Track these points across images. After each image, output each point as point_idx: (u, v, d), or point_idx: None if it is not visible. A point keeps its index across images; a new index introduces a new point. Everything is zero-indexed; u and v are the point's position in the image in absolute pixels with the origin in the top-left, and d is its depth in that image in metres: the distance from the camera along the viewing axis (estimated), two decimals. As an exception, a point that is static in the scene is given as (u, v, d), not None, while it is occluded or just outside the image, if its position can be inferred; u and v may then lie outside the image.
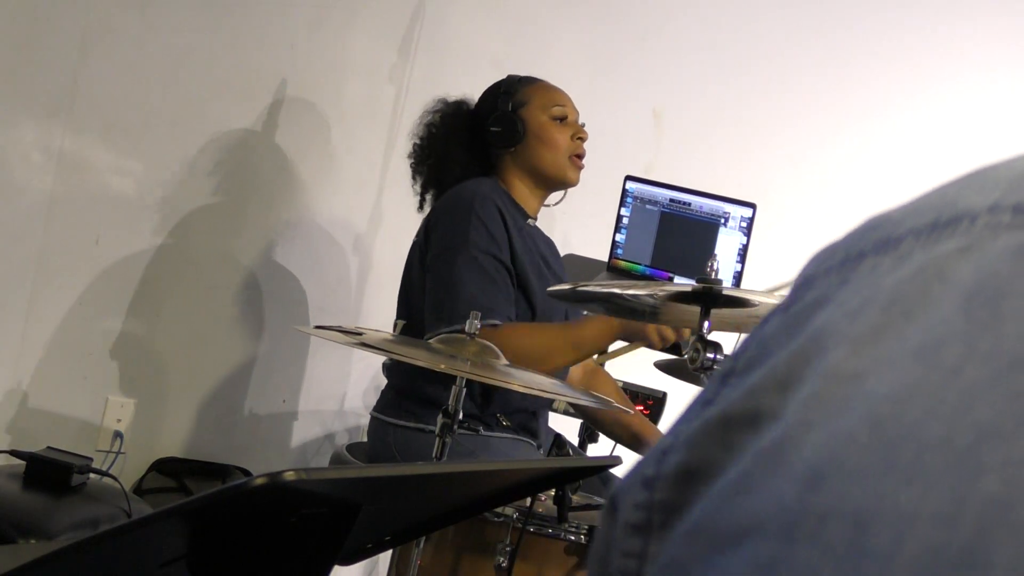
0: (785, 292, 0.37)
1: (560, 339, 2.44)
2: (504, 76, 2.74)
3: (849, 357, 0.31)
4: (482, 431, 2.11)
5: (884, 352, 0.31)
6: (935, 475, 0.28)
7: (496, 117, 2.64)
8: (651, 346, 2.49)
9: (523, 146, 2.65)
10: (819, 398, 0.31)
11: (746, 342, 0.35)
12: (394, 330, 2.61)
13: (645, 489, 0.35)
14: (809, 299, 0.35)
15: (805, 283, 0.36)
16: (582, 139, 2.66)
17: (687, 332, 2.48)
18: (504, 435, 2.54)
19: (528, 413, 2.59)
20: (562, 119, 2.65)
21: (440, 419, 1.99)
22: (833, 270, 0.35)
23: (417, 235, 2.67)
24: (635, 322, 2.48)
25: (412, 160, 2.73)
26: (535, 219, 2.71)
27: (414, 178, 2.73)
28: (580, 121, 2.70)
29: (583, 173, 2.69)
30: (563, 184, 2.70)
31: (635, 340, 2.53)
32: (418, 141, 2.73)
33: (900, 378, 0.30)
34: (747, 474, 0.31)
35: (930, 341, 0.30)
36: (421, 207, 2.72)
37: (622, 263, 3.07)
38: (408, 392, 2.56)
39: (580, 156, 2.66)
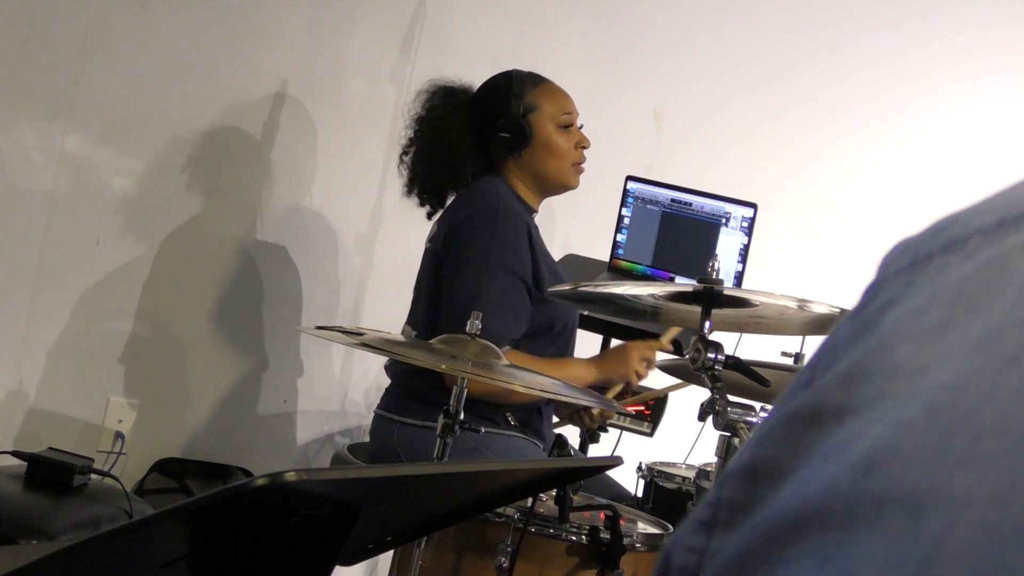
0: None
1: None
2: (501, 71, 2.72)
3: (914, 353, 0.32)
4: (483, 430, 2.12)
5: (946, 346, 0.32)
6: (990, 459, 0.29)
7: (505, 122, 2.62)
8: (628, 386, 2.62)
9: (529, 151, 2.64)
10: (883, 394, 0.32)
11: (820, 349, 0.36)
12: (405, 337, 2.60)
13: (716, 488, 0.36)
14: (878, 302, 0.35)
15: (876, 286, 0.36)
16: (586, 147, 2.67)
17: (666, 343, 2.58)
18: (510, 433, 2.54)
19: (535, 411, 2.60)
20: (569, 126, 2.66)
21: (441, 419, 1.99)
22: (902, 272, 0.36)
23: (432, 241, 2.64)
24: (612, 363, 2.60)
25: (407, 153, 2.69)
26: (536, 213, 2.71)
27: (400, 165, 2.70)
28: (579, 124, 2.69)
29: (585, 173, 2.70)
30: (564, 190, 2.71)
31: (617, 382, 2.62)
32: (412, 135, 2.69)
33: (959, 368, 0.31)
34: (810, 469, 0.32)
35: (989, 331, 0.31)
36: (410, 194, 2.69)
37: (623, 263, 3.07)
38: (413, 390, 2.56)
39: (581, 163, 2.68)
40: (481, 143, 2.64)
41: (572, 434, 2.61)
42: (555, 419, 2.75)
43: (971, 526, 0.28)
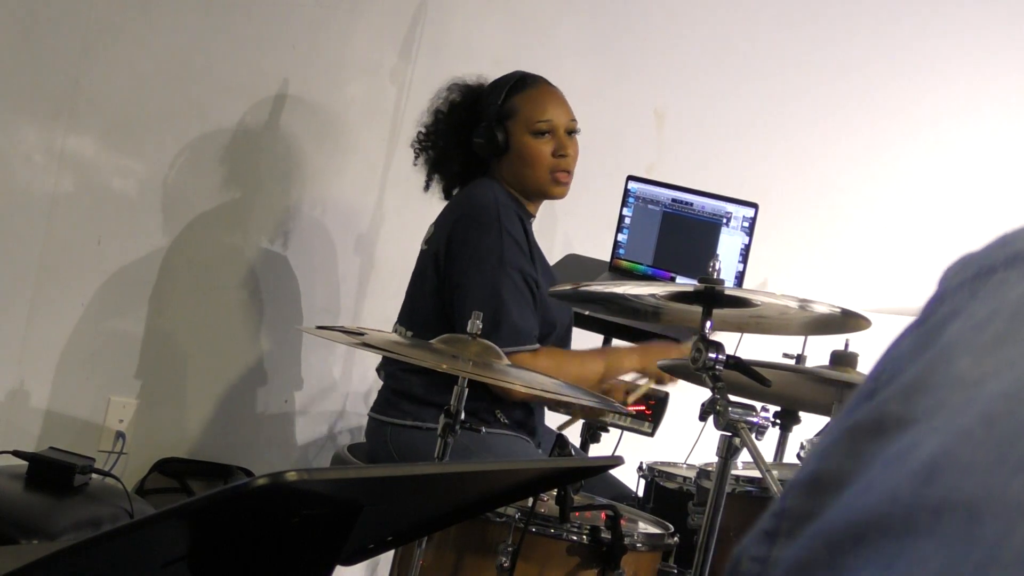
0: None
1: (595, 368, 2.57)
2: (510, 72, 2.72)
3: (974, 365, 0.33)
4: (483, 430, 2.12)
5: (1005, 357, 0.32)
6: None
7: (481, 128, 2.62)
8: (660, 381, 2.62)
9: (506, 159, 2.62)
10: (942, 404, 0.33)
11: (882, 360, 0.37)
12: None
13: (781, 498, 0.36)
14: (940, 314, 0.36)
15: (938, 299, 0.37)
16: (565, 155, 2.59)
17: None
18: (502, 432, 2.54)
19: (526, 409, 2.60)
20: (547, 133, 2.59)
21: (442, 419, 1.99)
22: (965, 285, 0.36)
23: (428, 243, 2.64)
24: (657, 352, 2.59)
25: (415, 147, 2.72)
26: (534, 218, 2.70)
27: (416, 163, 2.73)
28: (575, 128, 2.63)
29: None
30: (545, 198, 2.67)
31: (650, 376, 2.63)
32: (423, 129, 2.71)
33: (1017, 378, 0.31)
34: (871, 478, 0.33)
35: None
36: (427, 188, 2.71)
37: (624, 263, 3.07)
38: (403, 391, 2.56)
39: (564, 171, 2.60)
40: (467, 145, 2.64)
41: (573, 434, 2.61)
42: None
43: None
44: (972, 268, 0.36)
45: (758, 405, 1.97)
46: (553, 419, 2.79)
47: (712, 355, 1.86)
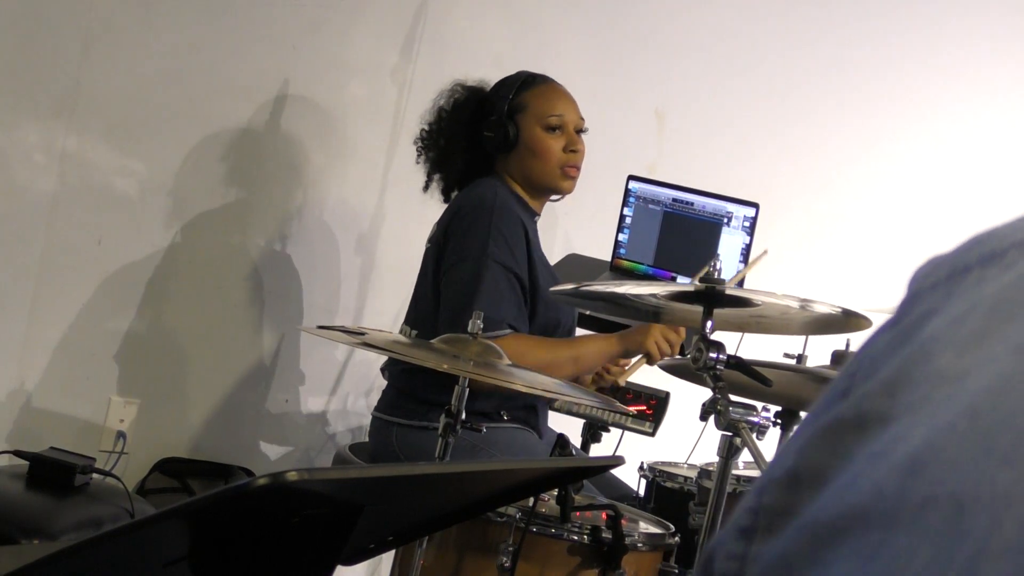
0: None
1: (562, 354, 2.52)
2: (513, 72, 2.72)
3: (954, 360, 0.33)
4: (484, 429, 2.12)
5: (986, 352, 0.33)
6: None
7: (491, 121, 2.62)
8: (650, 360, 2.55)
9: (515, 153, 2.63)
10: (925, 399, 0.33)
11: (856, 358, 0.37)
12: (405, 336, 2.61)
13: (755, 495, 0.37)
14: (917, 313, 0.36)
15: (913, 298, 0.37)
16: (576, 151, 2.62)
17: (683, 332, 2.53)
18: (507, 426, 2.55)
19: (529, 408, 2.60)
20: (558, 128, 2.61)
21: (443, 419, 1.99)
22: (940, 284, 0.37)
23: (431, 240, 2.65)
24: (633, 335, 2.53)
25: (418, 146, 2.72)
26: (539, 216, 2.71)
27: (418, 161, 2.73)
28: (583, 127, 2.66)
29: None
30: (553, 193, 2.68)
31: (636, 353, 2.57)
32: (426, 127, 2.71)
33: (999, 372, 0.32)
34: (853, 473, 0.33)
35: None
36: (427, 189, 2.71)
37: (625, 263, 3.07)
38: (409, 391, 2.56)
39: (574, 167, 2.62)
40: (474, 142, 2.64)
41: (574, 434, 2.61)
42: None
43: (1015, 524, 0.28)
44: (945, 269, 0.37)
45: (759, 405, 1.97)
46: (554, 419, 2.79)
47: (713, 355, 1.86)
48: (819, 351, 2.56)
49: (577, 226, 3.56)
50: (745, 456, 1.90)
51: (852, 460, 0.33)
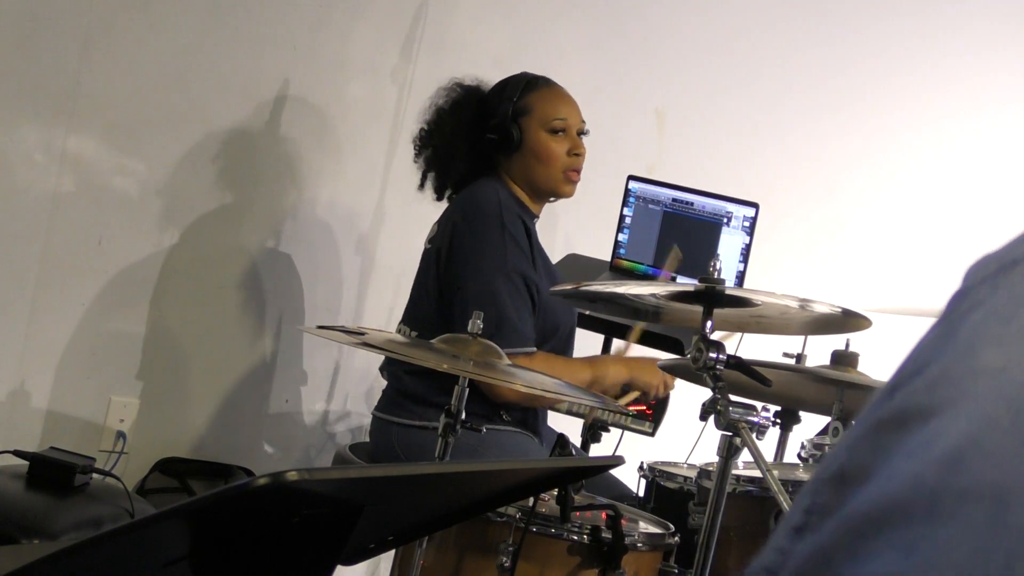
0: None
1: (583, 376, 2.56)
2: (514, 73, 2.72)
3: (997, 354, 0.33)
4: (484, 429, 2.12)
5: None
6: None
7: (494, 124, 2.62)
8: (643, 397, 2.65)
9: (518, 155, 2.62)
10: (967, 394, 0.33)
11: (906, 357, 0.37)
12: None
13: (808, 494, 0.37)
14: (962, 309, 0.36)
15: (961, 294, 0.37)
16: (579, 155, 2.62)
17: (673, 384, 2.63)
18: (507, 429, 2.55)
19: (528, 408, 2.61)
20: (561, 131, 2.61)
21: (443, 419, 1.99)
22: (987, 280, 0.36)
23: (431, 241, 2.64)
24: (644, 373, 2.62)
25: (416, 144, 2.72)
26: (538, 218, 2.71)
27: (415, 160, 2.72)
28: (585, 129, 2.66)
29: (586, 173, 2.69)
30: (555, 197, 2.68)
31: (638, 389, 2.65)
32: (425, 126, 2.71)
33: None
34: (893, 467, 0.33)
35: None
36: (422, 187, 2.71)
37: (624, 263, 3.07)
38: (409, 391, 2.56)
39: (576, 171, 2.63)
40: (475, 143, 2.64)
41: (574, 433, 2.62)
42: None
43: None
44: (994, 264, 0.37)
45: (759, 405, 1.97)
46: (554, 419, 2.79)
47: (712, 355, 1.86)
48: (819, 351, 2.57)
49: (577, 226, 3.56)
50: (745, 456, 1.90)
51: (893, 455, 0.33)
